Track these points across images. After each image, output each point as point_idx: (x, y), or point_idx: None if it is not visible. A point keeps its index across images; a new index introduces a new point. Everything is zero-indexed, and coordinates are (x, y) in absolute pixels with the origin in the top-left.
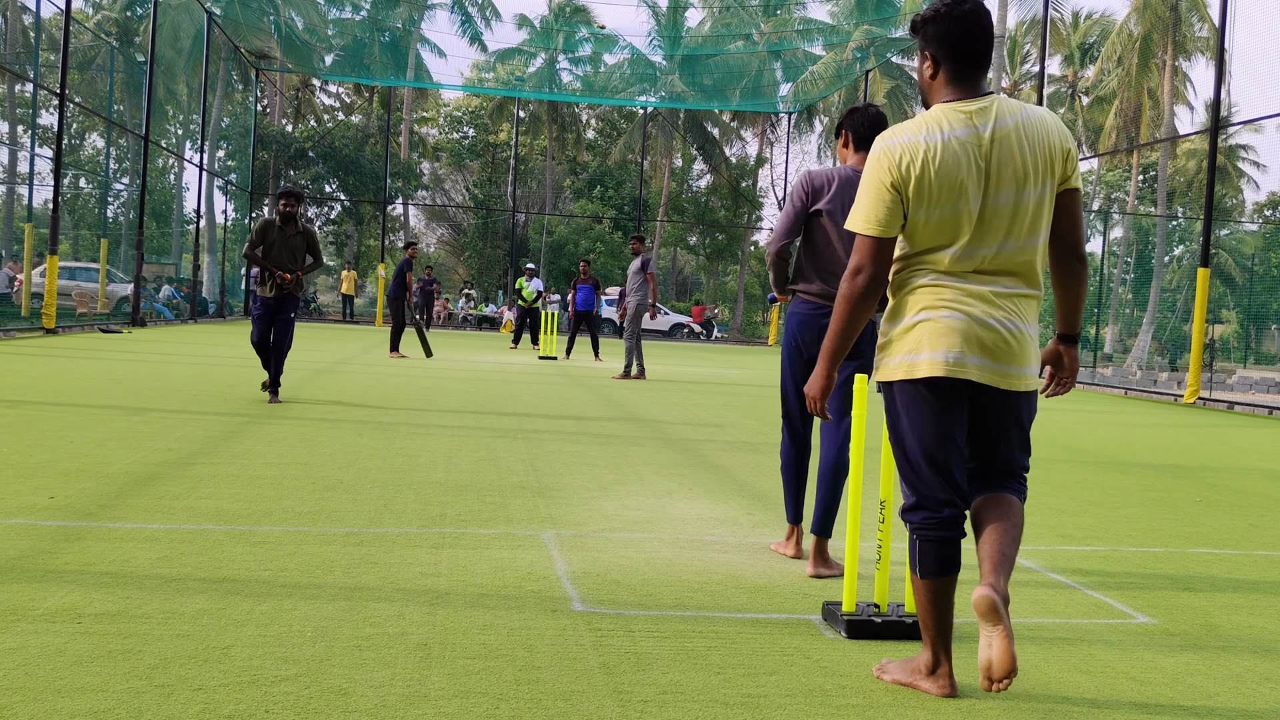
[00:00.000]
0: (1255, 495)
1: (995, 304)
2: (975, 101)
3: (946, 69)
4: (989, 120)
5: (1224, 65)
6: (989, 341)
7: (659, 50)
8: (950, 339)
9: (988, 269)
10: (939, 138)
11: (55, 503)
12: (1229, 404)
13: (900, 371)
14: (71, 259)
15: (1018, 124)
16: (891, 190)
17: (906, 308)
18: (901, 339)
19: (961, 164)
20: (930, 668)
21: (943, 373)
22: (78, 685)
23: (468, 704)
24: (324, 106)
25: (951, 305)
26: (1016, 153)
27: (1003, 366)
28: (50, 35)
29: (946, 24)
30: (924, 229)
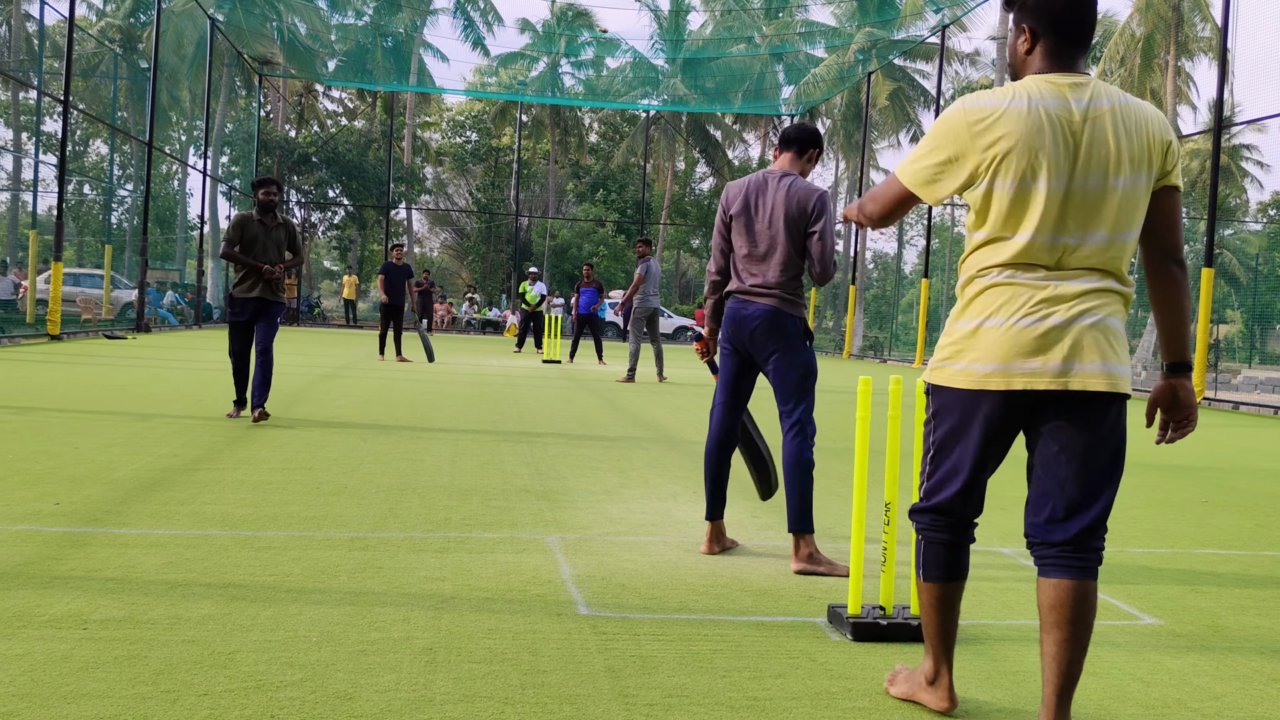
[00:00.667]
0: (1262, 495)
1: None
2: (1072, 76)
3: (1045, 43)
4: (1085, 96)
5: (1227, 65)
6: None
7: (661, 53)
8: (1016, 345)
9: (1070, 263)
10: (1024, 103)
11: (61, 509)
12: (1234, 404)
13: (962, 378)
14: (76, 265)
15: (1115, 106)
16: (950, 147)
17: (974, 307)
18: (963, 341)
19: (1046, 135)
20: (930, 677)
21: (1007, 386)
22: (84, 691)
23: (473, 708)
24: (327, 112)
25: (1024, 309)
26: (1111, 136)
27: (1075, 364)
28: (54, 42)
29: None
30: (1001, 205)
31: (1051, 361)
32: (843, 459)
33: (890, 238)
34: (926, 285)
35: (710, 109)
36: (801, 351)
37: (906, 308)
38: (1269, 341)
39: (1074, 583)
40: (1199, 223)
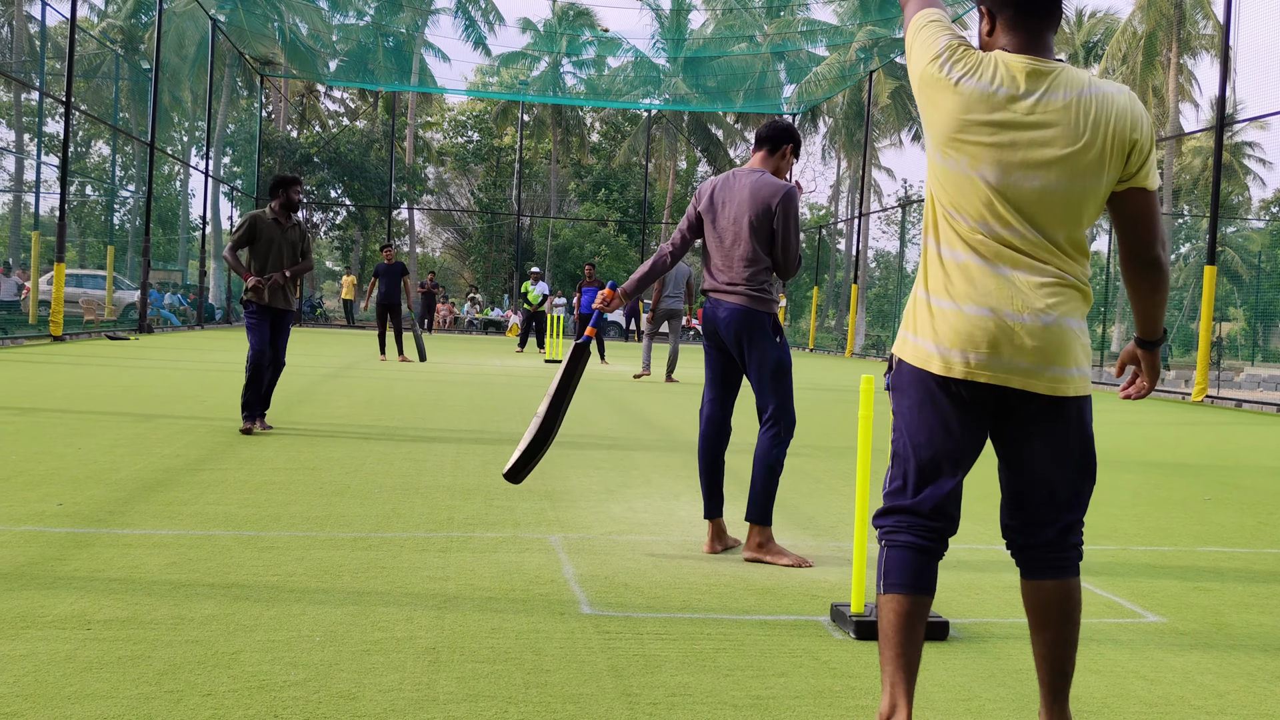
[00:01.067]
0: (1264, 493)
1: (1029, 295)
2: (1036, 60)
3: (1003, 18)
4: (1043, 85)
5: (1229, 62)
6: (1017, 341)
7: (662, 53)
8: (970, 335)
9: (1017, 254)
10: (975, 84)
11: (64, 509)
12: (1237, 402)
13: (908, 352)
14: (78, 266)
15: (1080, 98)
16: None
17: (931, 280)
18: (919, 317)
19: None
20: (886, 715)
21: (960, 374)
22: (87, 691)
23: (476, 707)
24: (329, 112)
25: (977, 294)
26: (1068, 123)
27: (1033, 365)
28: (56, 43)
29: None
30: (948, 186)
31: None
32: (845, 458)
33: (892, 237)
34: None
35: (712, 108)
36: (771, 348)
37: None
38: (1271, 339)
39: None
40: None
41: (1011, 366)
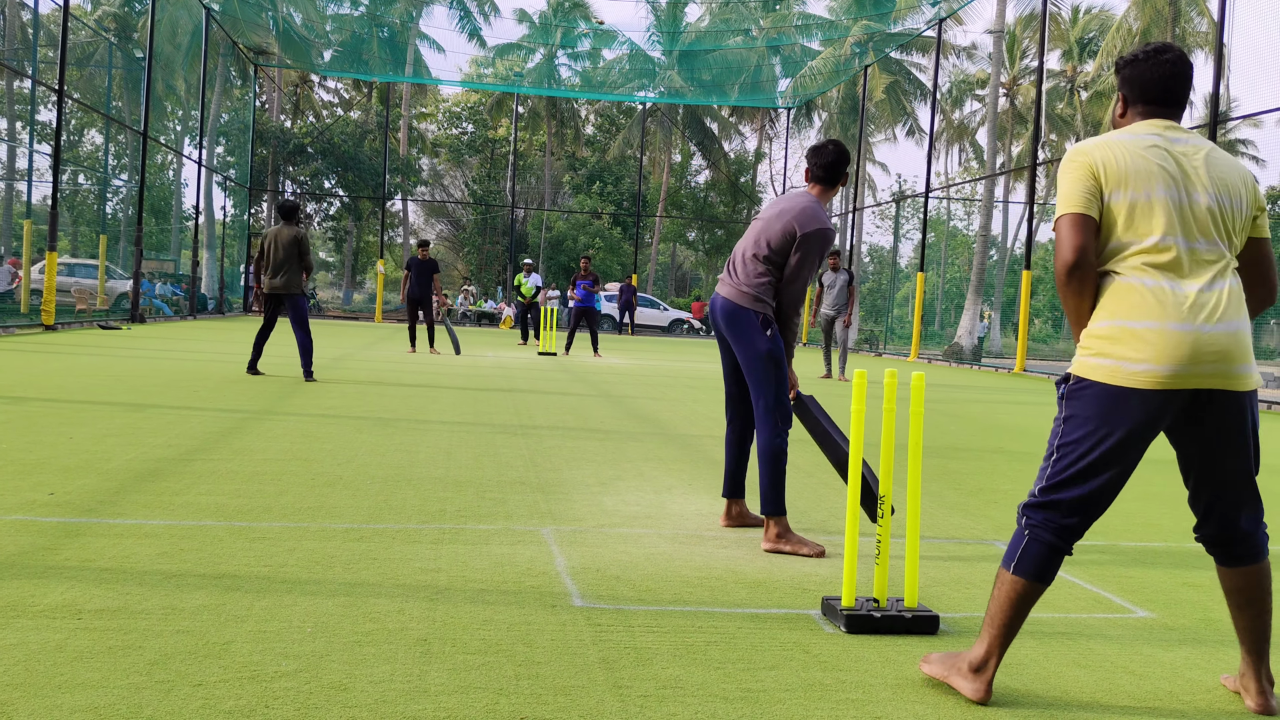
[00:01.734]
0: (1261, 491)
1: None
2: (1166, 123)
3: (1137, 109)
4: (1183, 136)
5: (1223, 60)
6: (1212, 348)
7: (658, 45)
8: (1172, 348)
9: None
10: (1126, 138)
11: (55, 499)
12: None
13: (1104, 373)
14: (71, 255)
15: (1209, 149)
16: (1085, 172)
17: (1121, 309)
18: (1113, 341)
19: (1152, 154)
20: (977, 664)
21: (1164, 385)
22: (78, 681)
23: (467, 699)
24: (323, 102)
25: (1177, 310)
26: (1210, 162)
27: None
28: (48, 31)
29: (1144, 68)
30: (1122, 217)
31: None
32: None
33: (886, 232)
34: (922, 279)
35: (707, 101)
36: (759, 341)
37: (902, 301)
38: (1263, 336)
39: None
40: None
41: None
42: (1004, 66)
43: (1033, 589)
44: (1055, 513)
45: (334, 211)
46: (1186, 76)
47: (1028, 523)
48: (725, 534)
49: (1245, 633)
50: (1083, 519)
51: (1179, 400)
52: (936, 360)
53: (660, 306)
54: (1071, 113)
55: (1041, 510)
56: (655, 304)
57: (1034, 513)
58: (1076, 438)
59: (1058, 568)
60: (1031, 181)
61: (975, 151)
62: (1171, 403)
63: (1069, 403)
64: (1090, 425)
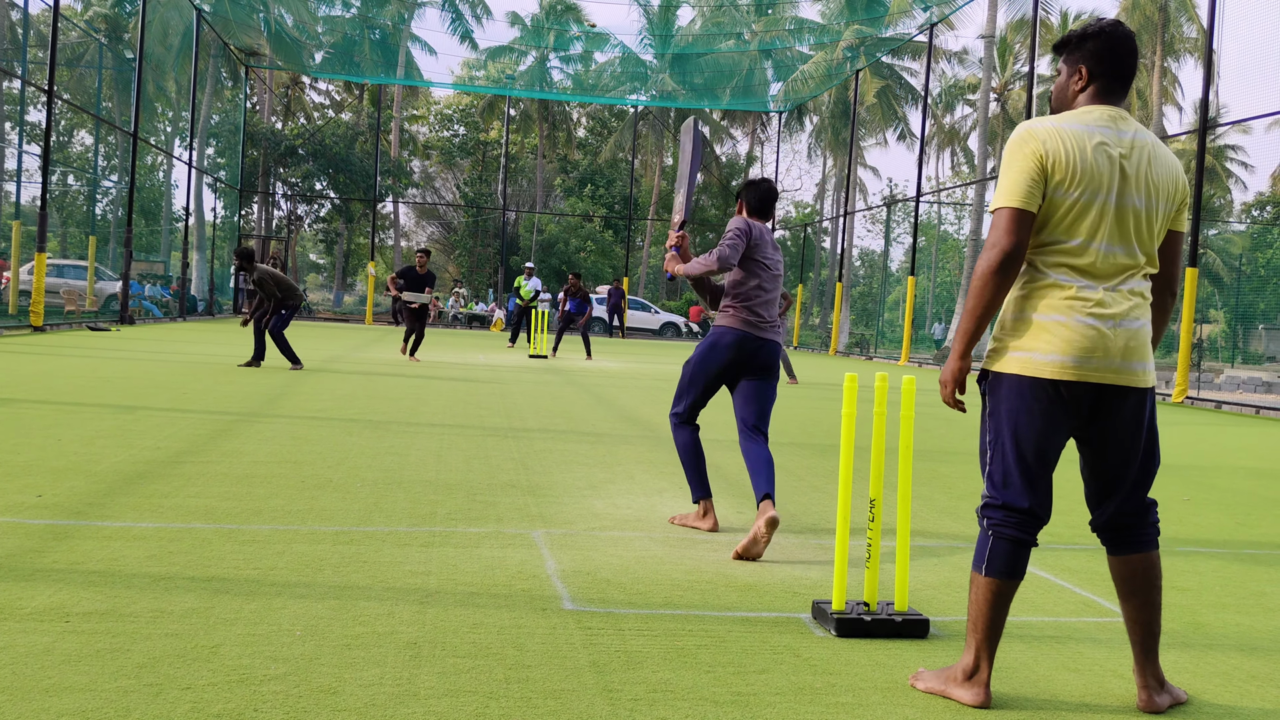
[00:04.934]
0: (1242, 494)
1: (1125, 306)
2: (1117, 109)
3: (1099, 83)
4: (1131, 129)
5: (1212, 66)
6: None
7: (650, 49)
8: (1079, 342)
9: (1116, 270)
10: (1083, 129)
11: (43, 501)
12: (1217, 403)
13: (1016, 365)
14: (60, 256)
15: (1152, 143)
16: (1032, 162)
17: (1034, 304)
18: (1026, 333)
19: (1101, 157)
20: (969, 671)
21: (1071, 376)
22: (66, 684)
23: (457, 702)
24: (314, 104)
25: (1084, 309)
26: (1151, 163)
27: (1126, 364)
28: (38, 31)
29: (1107, 41)
30: (1058, 214)
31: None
32: (828, 455)
33: (877, 236)
34: (913, 282)
35: (699, 105)
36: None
37: (893, 305)
38: (1251, 341)
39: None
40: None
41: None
42: (995, 71)
43: (1007, 586)
44: (1009, 510)
45: (325, 213)
46: (1136, 54)
47: (989, 523)
48: (715, 538)
49: (1134, 625)
50: (1036, 508)
51: (1086, 393)
52: (927, 364)
53: (651, 309)
54: None
55: (998, 510)
56: (646, 307)
57: (991, 513)
58: (1004, 433)
59: (1026, 561)
60: None
61: (966, 156)
62: (1079, 396)
63: (990, 398)
64: (1013, 419)
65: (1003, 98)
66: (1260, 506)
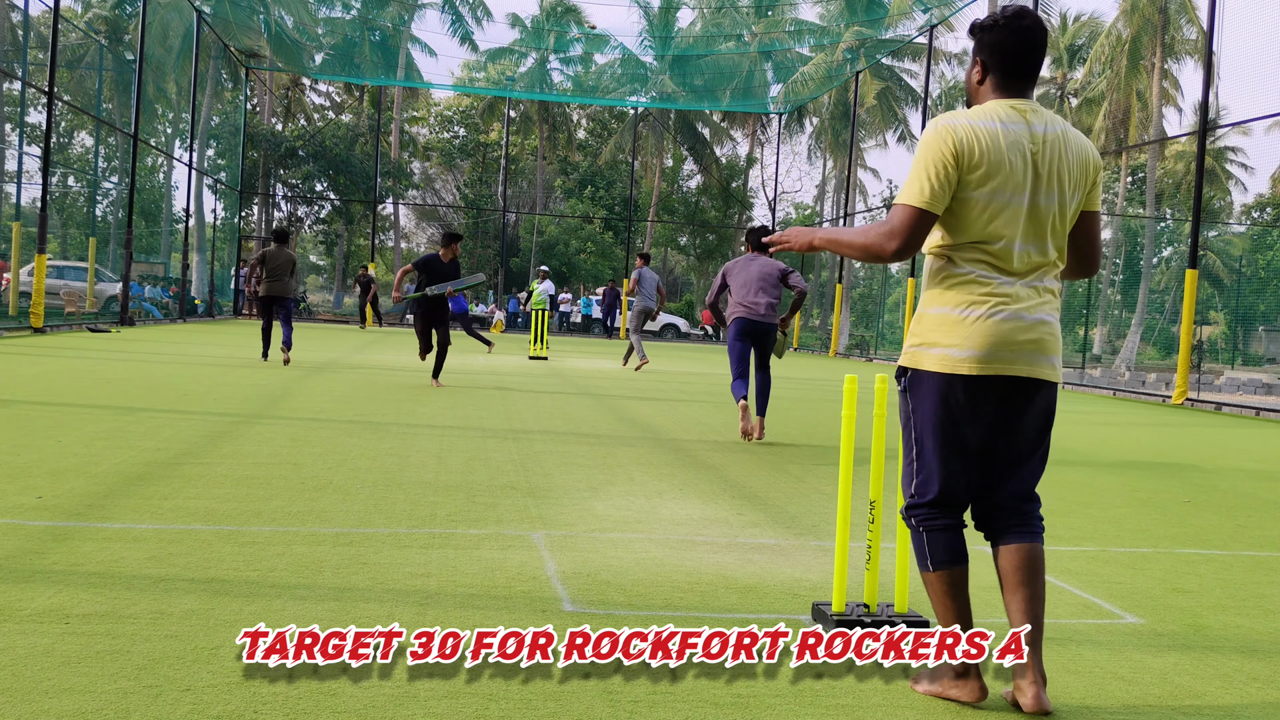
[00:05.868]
0: (1243, 496)
1: (1037, 301)
2: (1026, 103)
3: (994, 77)
4: (1042, 122)
5: (1212, 68)
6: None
7: (650, 50)
8: (1001, 338)
9: (1030, 266)
10: (999, 126)
11: (43, 502)
12: (1217, 405)
13: (942, 363)
14: (60, 258)
15: (1060, 134)
16: (943, 162)
17: (948, 297)
18: (948, 327)
19: (1015, 156)
20: (959, 669)
21: (988, 371)
22: (65, 686)
23: (457, 704)
24: (314, 105)
25: (999, 304)
26: (1062, 157)
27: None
28: (39, 33)
29: (1003, 34)
30: (974, 213)
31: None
32: (828, 457)
33: None
34: (913, 284)
35: (699, 106)
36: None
37: (893, 306)
38: (1252, 343)
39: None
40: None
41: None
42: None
43: (957, 573)
44: (932, 508)
45: (325, 215)
46: (1043, 44)
47: (916, 522)
48: (716, 539)
49: (1022, 618)
50: (959, 493)
51: (999, 387)
52: None
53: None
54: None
55: (921, 508)
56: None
57: (916, 512)
58: (925, 433)
59: (964, 545)
60: None
61: None
62: (994, 388)
63: (910, 396)
64: (933, 417)
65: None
66: (1261, 508)
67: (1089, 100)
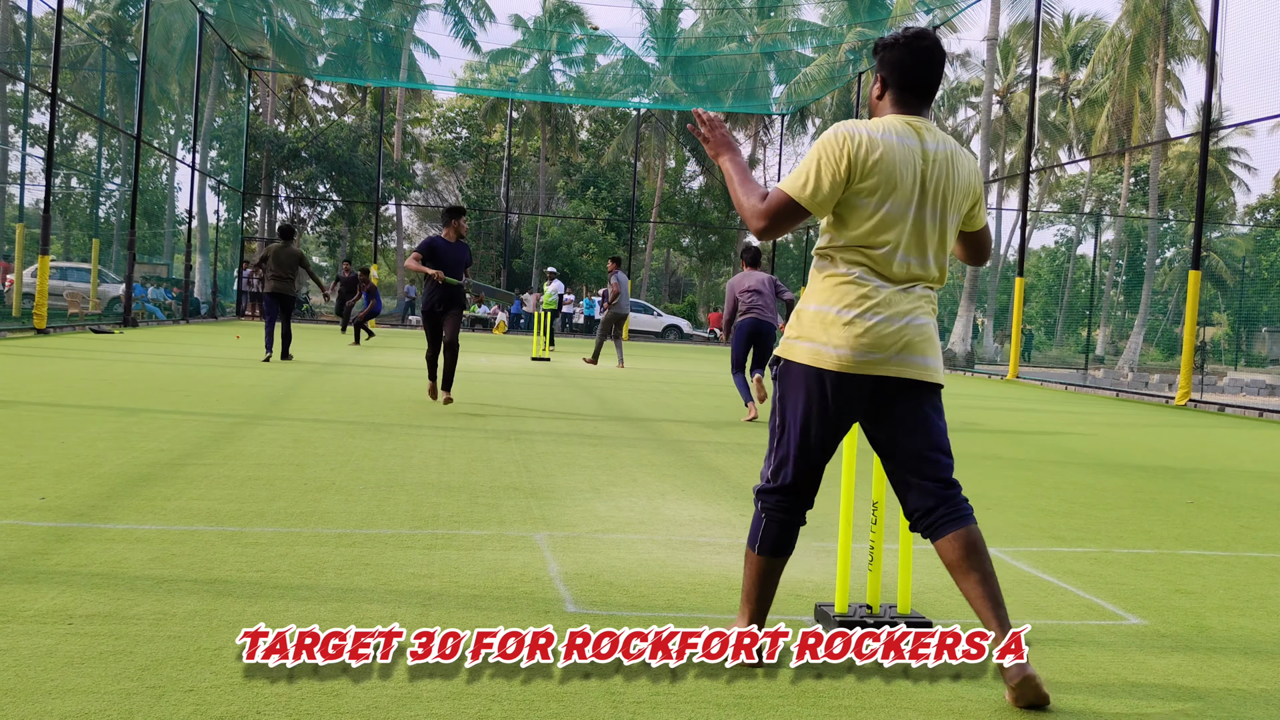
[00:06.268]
0: (1246, 497)
1: (909, 306)
2: (921, 120)
3: (893, 93)
4: (935, 141)
5: (1215, 68)
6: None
7: (652, 51)
8: (873, 337)
9: (909, 276)
10: (895, 139)
11: (47, 503)
12: (1220, 406)
13: (814, 356)
14: (63, 259)
15: (950, 154)
16: (836, 168)
17: (828, 295)
18: (824, 324)
19: (906, 170)
20: (745, 635)
21: (854, 369)
22: (69, 687)
23: (460, 705)
24: (317, 107)
25: (874, 307)
26: (949, 177)
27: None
28: (42, 35)
29: (903, 53)
30: (862, 218)
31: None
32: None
33: None
34: None
35: (701, 107)
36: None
37: None
38: (1255, 344)
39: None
40: (1186, 225)
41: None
42: (997, 74)
43: (776, 563)
44: (783, 495)
45: (327, 216)
46: (940, 64)
47: (763, 506)
48: (718, 540)
49: (980, 599)
50: (807, 492)
51: (868, 386)
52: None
53: (654, 312)
54: (1064, 120)
55: (773, 494)
56: (650, 309)
57: (766, 497)
58: (789, 420)
59: (794, 541)
60: (1025, 189)
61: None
62: (863, 388)
63: (780, 383)
64: (799, 407)
65: (1005, 100)
66: (1264, 510)
67: (1092, 101)
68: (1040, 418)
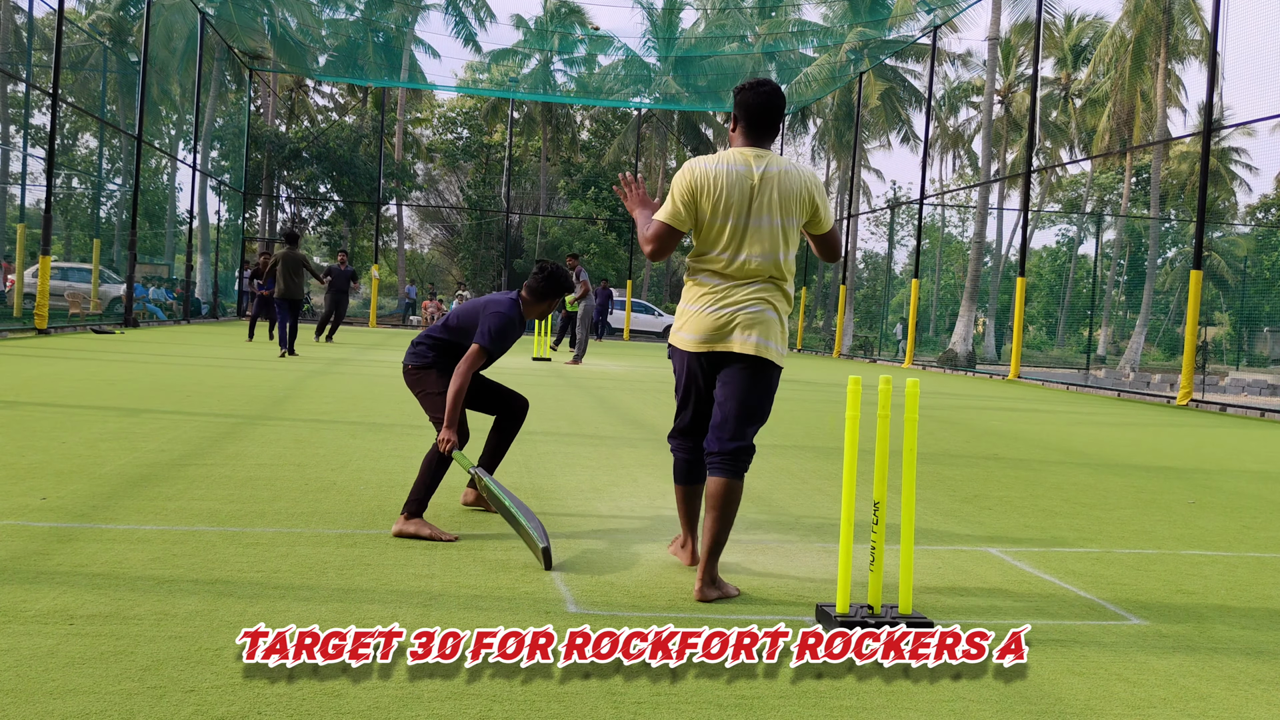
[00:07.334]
0: (1248, 497)
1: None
2: (757, 150)
3: (741, 127)
4: (763, 165)
5: (1216, 68)
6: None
7: (653, 51)
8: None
9: (748, 273)
10: (725, 168)
11: (48, 504)
12: (1221, 406)
13: (680, 342)
14: (64, 259)
15: (780, 173)
16: (684, 193)
17: (691, 295)
18: (685, 317)
19: (735, 190)
20: (682, 543)
21: (699, 348)
22: (70, 687)
23: (461, 705)
24: (318, 107)
25: (718, 300)
26: (775, 191)
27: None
28: (43, 35)
29: (749, 96)
30: (708, 233)
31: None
32: (831, 458)
33: (881, 238)
34: (916, 285)
35: (702, 107)
36: None
37: (896, 308)
38: (1256, 344)
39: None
40: (1188, 225)
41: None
42: (999, 74)
43: (691, 490)
44: (682, 436)
45: (328, 216)
46: (778, 108)
47: (673, 447)
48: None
49: (708, 534)
50: (695, 434)
51: (708, 359)
52: (931, 367)
53: (655, 312)
54: (1066, 120)
55: (675, 438)
56: (650, 309)
57: (672, 440)
58: (678, 385)
59: (700, 473)
60: (1026, 188)
61: (970, 158)
62: (707, 360)
63: (672, 361)
64: (681, 377)
65: (1006, 100)
66: (1265, 510)
67: (1093, 101)
68: (1041, 418)
